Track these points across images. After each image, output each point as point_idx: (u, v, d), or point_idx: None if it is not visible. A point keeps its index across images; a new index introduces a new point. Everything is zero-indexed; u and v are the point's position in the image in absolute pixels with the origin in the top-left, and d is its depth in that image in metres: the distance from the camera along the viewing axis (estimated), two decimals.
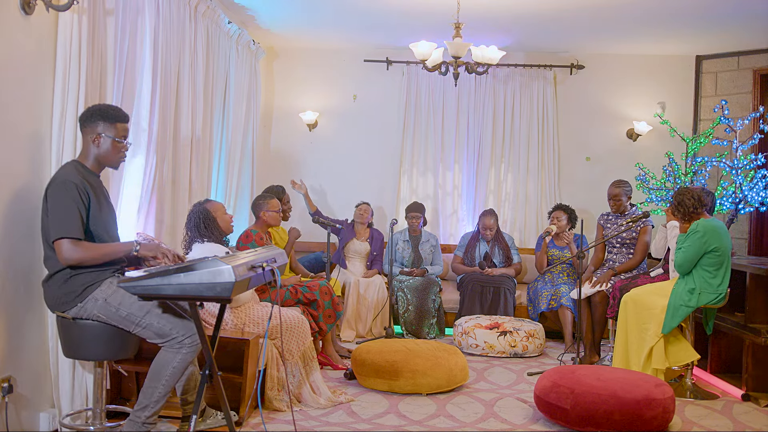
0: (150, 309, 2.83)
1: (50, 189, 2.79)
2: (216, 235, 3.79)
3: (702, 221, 4.19)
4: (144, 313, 2.82)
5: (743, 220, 6.24)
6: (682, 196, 4.27)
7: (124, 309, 2.81)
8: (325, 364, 4.72)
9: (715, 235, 4.12)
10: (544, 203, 6.72)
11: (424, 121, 6.82)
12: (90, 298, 2.81)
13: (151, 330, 2.83)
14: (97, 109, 2.96)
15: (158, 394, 2.84)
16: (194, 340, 2.84)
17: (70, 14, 3.15)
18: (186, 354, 2.84)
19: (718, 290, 4.14)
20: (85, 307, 2.82)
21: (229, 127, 5.63)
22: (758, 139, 5.68)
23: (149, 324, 2.82)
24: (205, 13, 4.81)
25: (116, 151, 2.96)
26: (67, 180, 2.77)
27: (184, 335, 2.83)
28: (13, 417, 2.97)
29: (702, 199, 4.24)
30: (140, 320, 2.82)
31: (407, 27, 5.93)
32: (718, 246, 4.11)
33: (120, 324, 2.84)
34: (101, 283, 2.84)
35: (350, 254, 6.06)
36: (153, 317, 2.82)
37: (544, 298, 5.50)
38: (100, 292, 2.82)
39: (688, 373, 4.34)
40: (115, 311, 2.82)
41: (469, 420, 3.79)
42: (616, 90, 6.81)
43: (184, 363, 2.85)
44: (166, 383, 2.83)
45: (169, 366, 2.82)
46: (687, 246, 4.16)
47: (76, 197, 2.76)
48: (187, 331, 2.83)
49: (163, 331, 2.83)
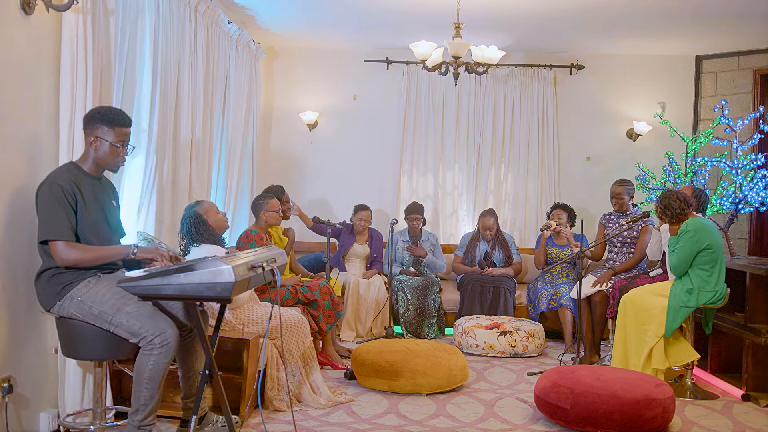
0: (120, 307, 2.80)
1: (38, 191, 2.83)
2: (209, 237, 3.74)
3: (691, 221, 4.20)
4: (114, 311, 2.80)
5: (743, 220, 6.24)
6: (667, 199, 4.25)
7: (96, 307, 2.81)
8: (325, 364, 4.72)
9: (706, 232, 4.13)
10: (544, 203, 6.72)
11: (424, 121, 6.82)
12: (67, 296, 2.83)
13: (123, 328, 2.80)
14: (99, 111, 2.96)
15: (144, 397, 2.82)
16: (164, 339, 2.77)
17: (74, 15, 3.15)
18: (158, 356, 2.78)
19: (715, 288, 4.15)
20: (63, 306, 2.83)
21: (229, 127, 5.63)
22: (758, 139, 5.68)
23: (120, 323, 2.80)
24: (205, 13, 4.81)
25: (114, 156, 2.96)
26: (53, 182, 2.80)
27: (153, 334, 2.77)
28: (13, 417, 2.97)
29: (687, 199, 4.25)
30: (111, 318, 2.80)
31: (407, 27, 5.93)
32: (710, 243, 4.12)
33: (95, 323, 2.83)
34: (80, 281, 2.85)
35: (350, 257, 6.05)
36: (123, 316, 2.79)
37: (544, 298, 5.50)
38: (77, 290, 2.83)
39: (688, 373, 4.34)
40: (89, 309, 2.81)
41: (469, 420, 3.79)
42: (616, 90, 6.81)
43: (159, 365, 2.79)
44: (148, 385, 2.80)
45: (146, 369, 2.79)
46: (680, 247, 4.17)
47: (61, 199, 2.77)
48: (156, 331, 2.78)
49: (133, 330, 2.79)
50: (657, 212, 4.36)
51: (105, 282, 2.88)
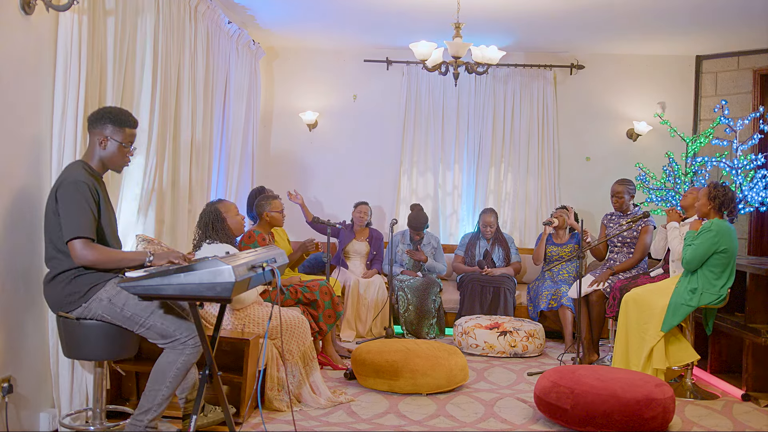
0: (154, 310, 2.83)
1: (62, 189, 2.78)
2: (224, 236, 3.76)
3: (716, 221, 4.20)
4: (148, 314, 2.83)
5: (743, 220, 6.24)
6: (731, 192, 4.25)
7: (129, 309, 2.82)
8: (325, 364, 4.72)
9: (727, 236, 4.13)
10: (544, 203, 6.72)
11: (424, 121, 6.82)
12: (94, 298, 2.82)
13: (155, 331, 2.83)
14: (107, 111, 2.96)
15: (161, 396, 2.84)
16: (197, 341, 2.84)
17: (70, 14, 3.15)
18: (189, 355, 2.85)
19: (719, 292, 4.15)
20: (90, 307, 2.82)
21: (229, 126, 5.63)
22: (758, 139, 5.68)
23: (153, 325, 2.83)
24: (205, 13, 4.81)
25: (121, 156, 2.97)
26: (79, 180, 2.78)
27: (187, 336, 2.83)
28: (13, 417, 2.97)
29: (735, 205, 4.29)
30: (144, 321, 2.82)
31: (407, 27, 5.93)
32: (727, 248, 4.12)
33: (124, 324, 2.84)
34: (105, 283, 2.84)
35: (350, 254, 6.06)
36: (157, 318, 2.83)
37: (544, 298, 5.50)
38: (105, 292, 2.82)
39: (688, 373, 4.34)
40: (120, 311, 2.82)
41: (469, 420, 3.79)
42: (616, 90, 6.81)
43: (187, 364, 2.86)
44: (170, 385, 2.84)
45: (173, 367, 2.83)
46: (698, 243, 4.16)
47: (88, 197, 2.78)
48: (190, 333, 2.84)
49: (166, 332, 2.83)
50: (706, 191, 4.27)
51: None
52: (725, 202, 4.21)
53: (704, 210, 4.28)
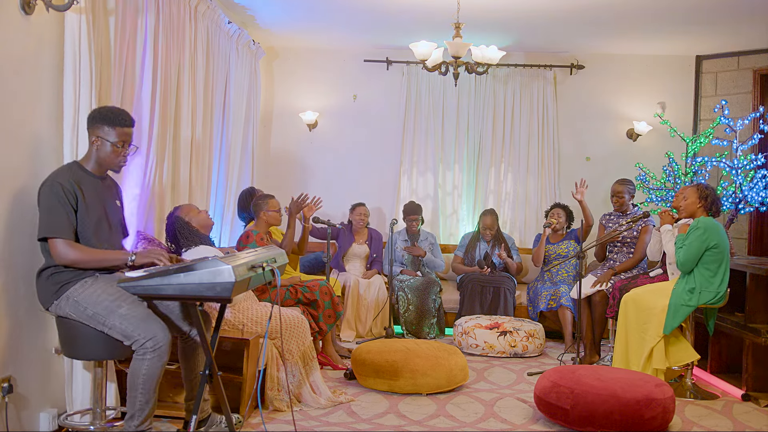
0: (113, 309, 2.79)
1: (40, 189, 2.84)
2: (196, 238, 3.71)
3: (702, 218, 4.25)
4: (107, 313, 2.79)
5: (743, 220, 6.24)
6: (714, 193, 4.37)
7: (91, 309, 2.80)
8: (325, 364, 4.72)
9: (715, 231, 4.17)
10: (544, 203, 6.71)
11: (424, 120, 6.82)
12: (63, 296, 2.83)
13: (116, 330, 2.79)
14: (100, 111, 2.97)
15: (140, 402, 2.81)
16: (155, 343, 2.75)
17: (76, 14, 3.15)
18: (151, 360, 2.76)
19: (717, 290, 4.15)
20: (60, 305, 2.84)
21: (228, 126, 5.63)
22: (758, 139, 5.68)
23: (113, 325, 2.78)
24: (205, 13, 4.81)
25: (115, 156, 2.96)
26: (54, 181, 2.81)
27: (145, 338, 2.75)
28: (13, 417, 2.97)
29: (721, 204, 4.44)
30: (105, 320, 2.79)
31: (407, 27, 5.93)
32: (717, 242, 4.14)
33: (89, 323, 2.82)
34: (77, 281, 2.84)
35: (349, 257, 6.04)
36: (116, 318, 2.78)
37: (543, 298, 5.50)
38: (73, 291, 2.83)
39: (688, 373, 4.34)
40: (83, 310, 2.81)
41: (469, 420, 3.79)
42: (616, 90, 6.81)
43: (153, 370, 2.78)
44: (143, 391, 2.79)
45: (140, 374, 2.78)
46: (689, 243, 4.18)
47: (62, 198, 2.78)
48: (148, 335, 2.76)
49: (126, 332, 2.78)
50: (695, 191, 4.36)
51: (101, 282, 2.87)
52: (715, 201, 4.32)
53: (692, 209, 4.34)
